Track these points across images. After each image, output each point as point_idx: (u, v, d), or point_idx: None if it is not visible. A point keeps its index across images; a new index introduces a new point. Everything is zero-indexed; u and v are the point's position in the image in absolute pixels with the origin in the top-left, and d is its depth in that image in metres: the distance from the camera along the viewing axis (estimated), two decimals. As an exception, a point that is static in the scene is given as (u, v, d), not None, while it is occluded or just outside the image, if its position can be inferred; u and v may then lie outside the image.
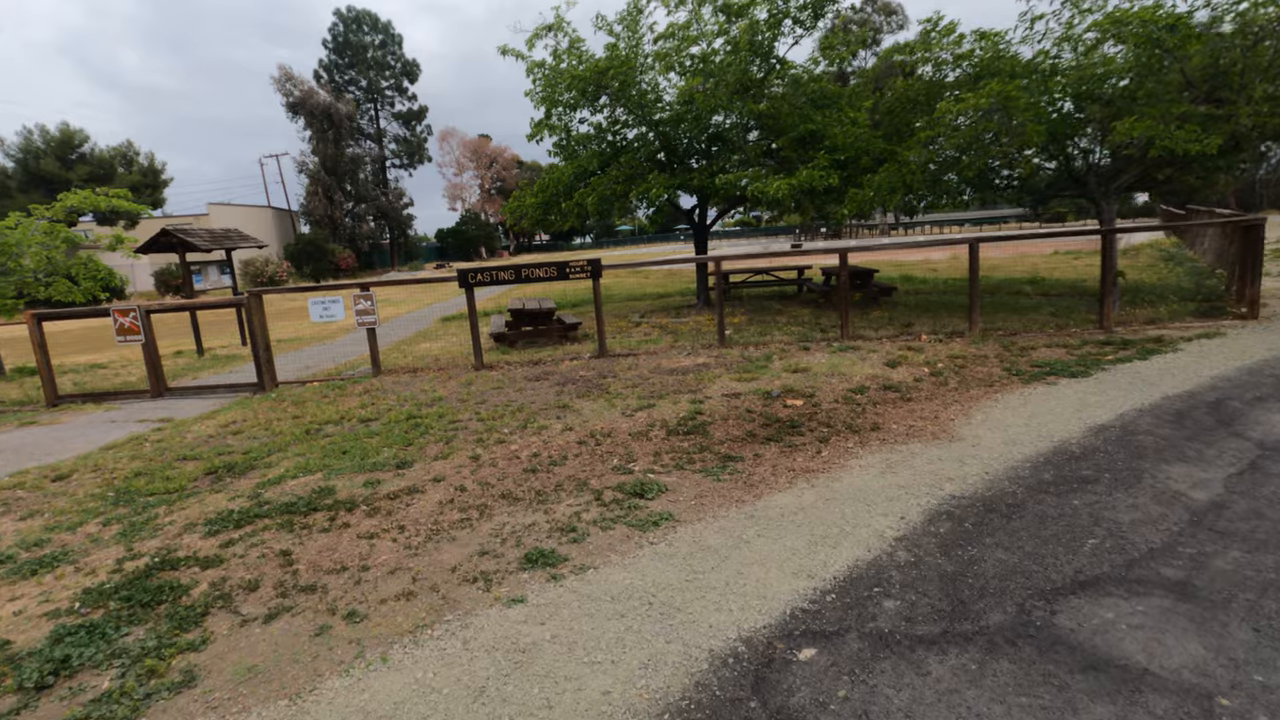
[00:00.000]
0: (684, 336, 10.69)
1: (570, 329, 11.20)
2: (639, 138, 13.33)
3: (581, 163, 12.68)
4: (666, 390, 7.21)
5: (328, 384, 9.17)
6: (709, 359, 8.64)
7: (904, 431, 5.44)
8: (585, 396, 7.26)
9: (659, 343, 10.25)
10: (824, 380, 7.15)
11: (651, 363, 8.73)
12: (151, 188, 40.65)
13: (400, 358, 11.00)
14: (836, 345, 8.89)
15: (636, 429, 5.92)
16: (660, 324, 12.44)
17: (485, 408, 7.20)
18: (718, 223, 14.54)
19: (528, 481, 4.87)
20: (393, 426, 6.70)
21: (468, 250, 74.24)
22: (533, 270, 9.00)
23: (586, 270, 8.98)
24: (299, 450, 6.19)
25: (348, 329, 16.40)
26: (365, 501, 4.70)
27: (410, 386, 8.57)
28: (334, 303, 9.29)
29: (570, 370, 8.69)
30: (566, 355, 9.74)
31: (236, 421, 7.65)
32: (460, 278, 9.08)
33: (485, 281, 9.07)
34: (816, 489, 4.36)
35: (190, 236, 13.28)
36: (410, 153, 66.52)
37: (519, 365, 9.33)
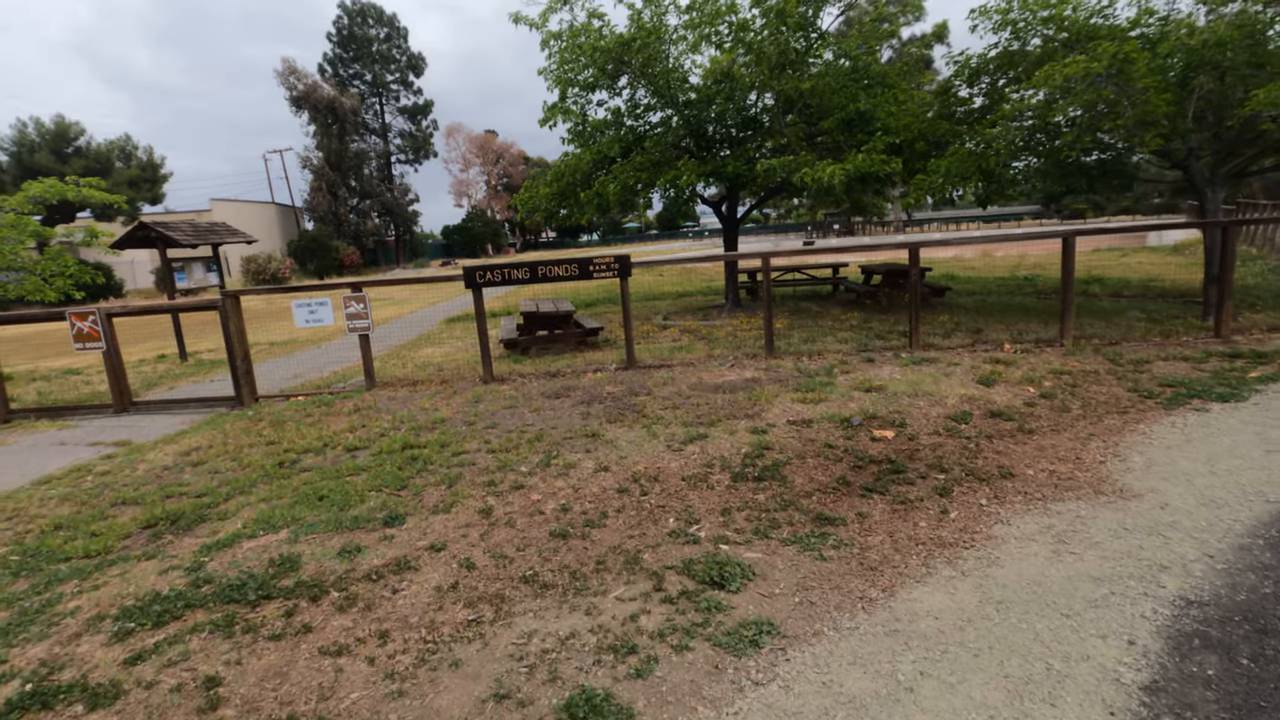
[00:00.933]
0: (720, 344, 9.41)
1: (590, 334, 9.94)
2: (663, 121, 12.05)
3: (601, 148, 11.41)
4: (716, 414, 5.93)
5: (314, 399, 7.94)
6: (758, 372, 7.36)
7: (1046, 480, 4.15)
8: (618, 421, 5.99)
9: (693, 351, 8.98)
10: (909, 403, 5.86)
11: (690, 376, 7.46)
12: (150, 183, 39.58)
13: (398, 367, 9.76)
14: (906, 356, 7.59)
15: (691, 470, 4.65)
16: (688, 327, 11.17)
17: (496, 434, 5.95)
18: (748, 217, 13.25)
19: (558, 554, 3.61)
20: (384, 459, 5.45)
21: (474, 247, 73.07)
22: (551, 268, 7.74)
23: (613, 268, 7.72)
24: (266, 492, 4.95)
25: (345, 330, 15.21)
26: (338, 583, 3.45)
27: (408, 404, 7.33)
28: (321, 305, 8.05)
29: (595, 385, 7.43)
30: (588, 365, 8.48)
31: (201, 447, 6.42)
32: (467, 277, 7.83)
33: (496, 281, 7.82)
34: (970, 579, 3.08)
35: (170, 231, 12.07)
36: (416, 148, 65.37)
37: (534, 378, 8.07)
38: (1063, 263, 7.51)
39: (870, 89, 10.87)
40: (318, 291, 8.17)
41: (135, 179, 38.16)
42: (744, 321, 11.18)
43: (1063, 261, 7.52)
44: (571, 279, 7.71)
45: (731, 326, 10.81)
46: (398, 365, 9.98)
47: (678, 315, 12.92)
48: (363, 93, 61.93)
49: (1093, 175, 9.11)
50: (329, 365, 10.67)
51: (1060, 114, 6.85)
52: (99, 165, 35.49)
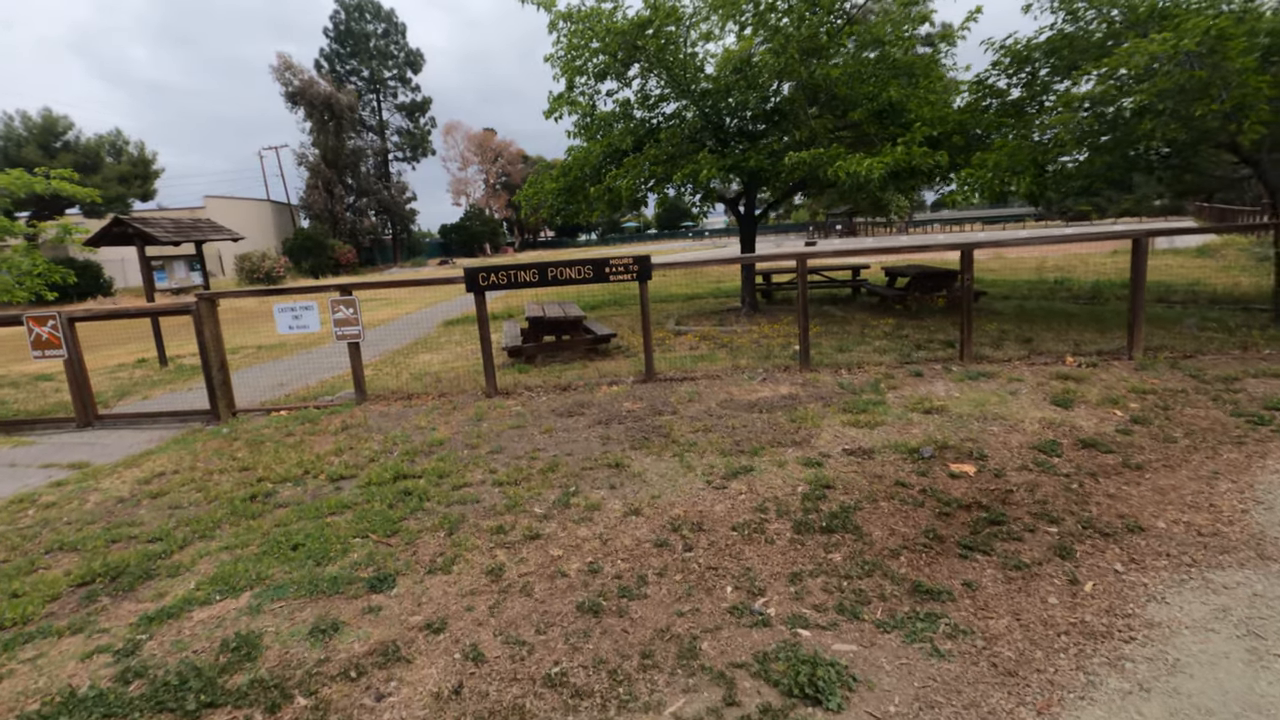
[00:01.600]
0: (744, 353, 8.63)
1: (601, 341, 9.15)
2: (676, 113, 11.27)
3: (612, 140, 10.62)
4: (758, 439, 5.15)
5: (298, 414, 7.13)
6: (794, 388, 6.57)
7: (1185, 536, 3.38)
8: (644, 446, 5.20)
9: (715, 360, 8.19)
10: (979, 428, 5.08)
11: (718, 391, 6.67)
12: (142, 179, 38.67)
13: (392, 376, 8.96)
14: (958, 370, 6.81)
15: (741, 516, 3.86)
16: (706, 334, 10.38)
17: (503, 461, 5.16)
18: (765, 216, 12.45)
19: (590, 639, 2.82)
20: (372, 494, 4.65)
21: (472, 246, 72.24)
22: (562, 271, 6.94)
23: (631, 271, 6.93)
24: (230, 537, 4.15)
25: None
26: (305, 683, 2.65)
27: (402, 421, 6.53)
28: (306, 310, 7.25)
29: (611, 401, 6.64)
30: (602, 378, 7.69)
31: (165, 473, 5.62)
32: (469, 280, 7.03)
33: (501, 284, 7.02)
34: (1156, 698, 2.29)
35: (148, 227, 11.25)
36: (413, 145, 64.52)
37: (543, 391, 7.27)
38: (1133, 266, 6.74)
39: (898, 79, 10.10)
40: (302, 295, 7.36)
41: (126, 175, 37.26)
42: (766, 328, 10.40)
43: (1133, 265, 6.74)
44: (585, 282, 6.92)
45: (754, 333, 10.03)
46: (392, 374, 9.17)
47: (691, 320, 12.14)
48: (360, 89, 61.05)
49: (1163, 169, 8.32)
50: (319, 372, 9.86)
51: (1142, 98, 6.08)
52: (88, 160, 34.59)
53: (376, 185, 59.97)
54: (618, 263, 6.90)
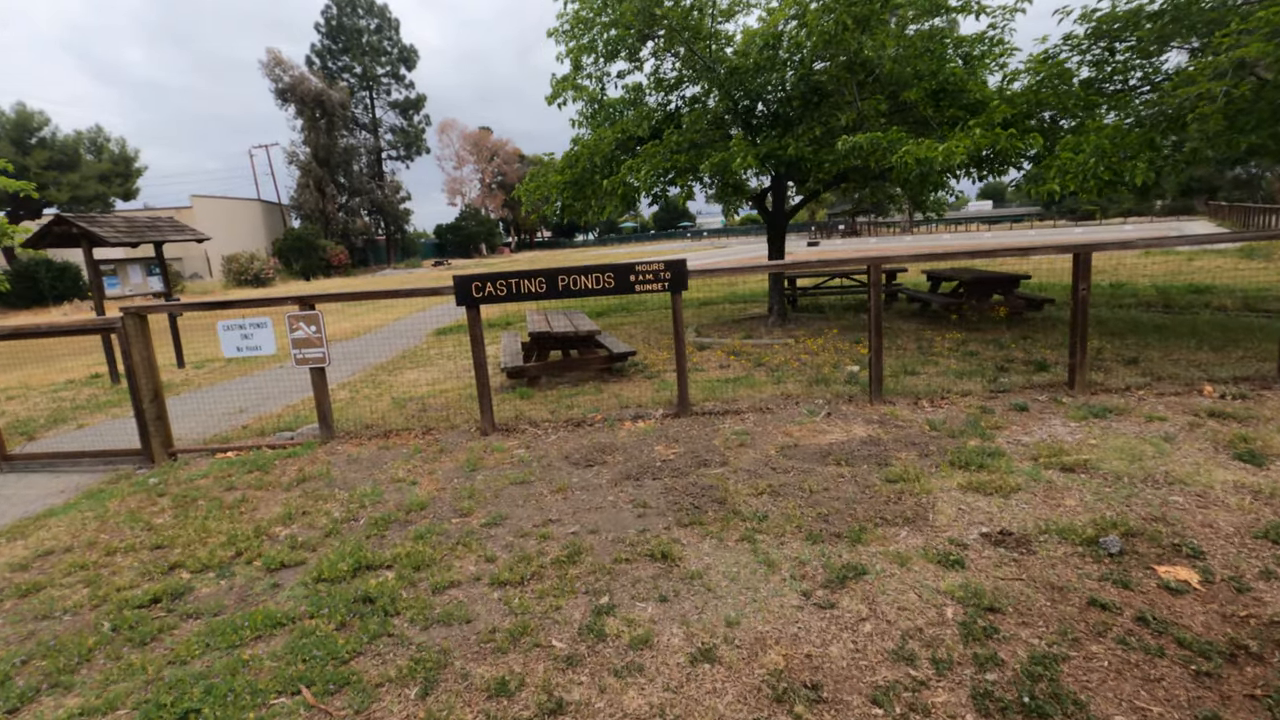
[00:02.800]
0: (787, 374, 7.26)
1: (617, 359, 7.77)
2: (697, 97, 9.91)
3: (625, 127, 9.23)
4: (851, 511, 3.77)
5: (247, 458, 5.74)
6: (871, 427, 5.20)
7: None
8: (696, 522, 3.82)
9: (756, 384, 6.82)
10: (1155, 497, 3.72)
11: (773, 430, 5.30)
12: (123, 177, 37.14)
13: (371, 401, 7.57)
14: (1071, 403, 5.45)
15: (877, 669, 2.49)
16: (734, 348, 9.01)
17: (504, 541, 3.78)
18: (795, 210, 11.06)
19: None
20: (320, 600, 3.27)
21: (468, 247, 70.85)
22: (577, 280, 5.55)
23: (662, 279, 5.55)
24: (97, 684, 2.77)
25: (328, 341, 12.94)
26: None
27: (374, 471, 5.14)
28: (259, 328, 5.85)
29: (639, 443, 5.27)
30: (623, 409, 6.31)
31: (55, 551, 4.23)
32: (460, 291, 5.65)
33: (499, 296, 5.64)
34: None
35: (95, 226, 9.83)
36: (408, 144, 63.07)
37: (551, 428, 5.89)
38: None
39: (955, 53, 8.76)
40: (255, 309, 5.95)
41: (106, 173, 35.74)
42: (808, 341, 9.03)
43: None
44: (605, 293, 5.54)
45: (793, 348, 8.66)
46: (370, 399, 7.78)
47: (713, 329, 10.77)
48: (352, 86, 59.56)
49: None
50: (293, 393, 8.44)
51: None
52: (65, 157, 33.08)
53: (369, 184, 58.50)
54: (645, 270, 5.52)
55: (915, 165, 6.67)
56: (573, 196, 9.56)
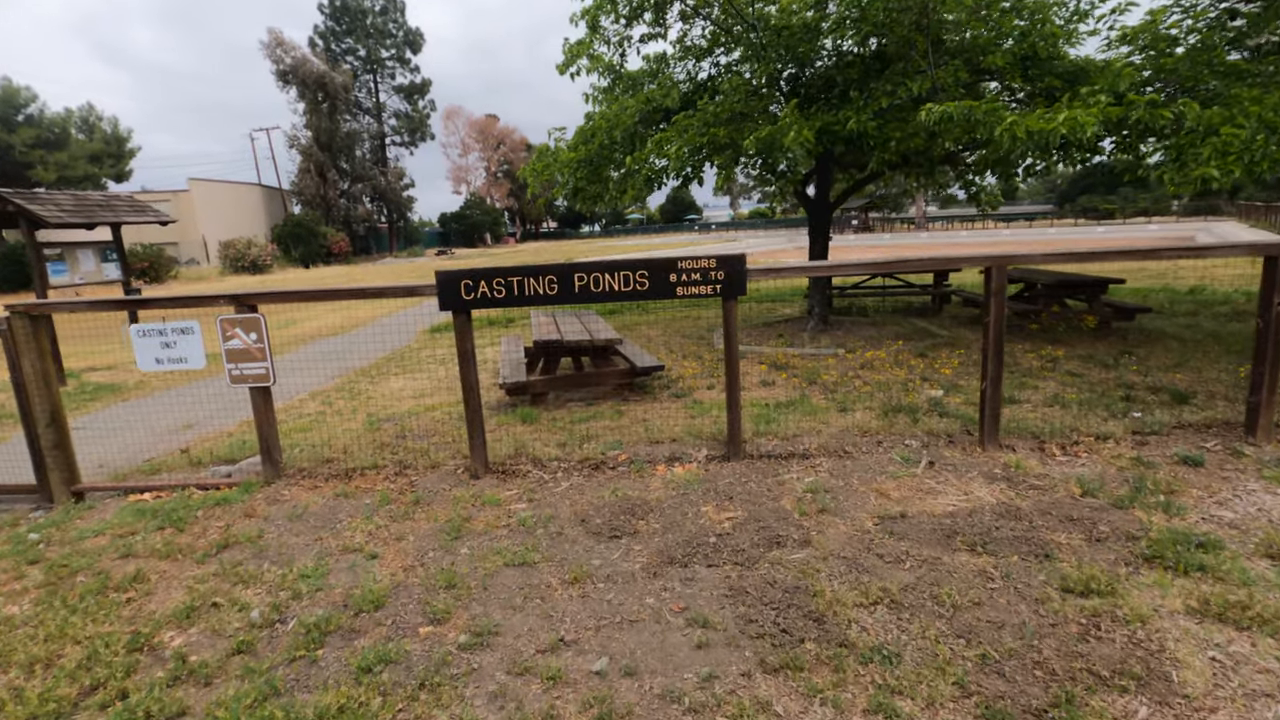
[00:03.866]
0: (850, 398, 5.90)
1: (640, 374, 6.40)
2: (732, 65, 8.49)
3: (651, 97, 7.83)
4: (1035, 657, 2.42)
5: (169, 503, 4.40)
6: (998, 487, 3.83)
7: None
8: (790, 668, 2.47)
9: (815, 413, 5.46)
10: None
11: (857, 484, 3.94)
12: (115, 158, 35.82)
13: (338, 423, 6.23)
14: (1265, 458, 4.07)
15: None
16: (773, 358, 7.64)
17: (490, 682, 2.44)
18: (840, 201, 9.63)
19: None
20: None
21: (472, 236, 69.52)
22: (598, 278, 4.18)
23: (714, 281, 4.17)
24: None
25: (311, 337, 11.59)
26: None
27: (322, 535, 3.80)
28: (184, 334, 4.49)
29: (680, 500, 3.92)
30: (653, 444, 4.95)
31: None
32: (444, 291, 4.28)
33: (498, 299, 4.27)
34: None
35: (35, 204, 8.49)
36: (412, 129, 61.56)
37: (561, 470, 4.54)
38: None
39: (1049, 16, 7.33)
40: (179, 310, 4.60)
41: (98, 153, 34.43)
42: (865, 353, 7.64)
43: None
44: (637, 297, 4.17)
45: (847, 361, 7.28)
46: (342, 415, 6.44)
47: (744, 334, 9.40)
48: (356, 69, 58.07)
49: None
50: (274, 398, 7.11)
51: None
52: (53, 135, 31.75)
53: (372, 170, 57.08)
54: (691, 268, 4.14)
55: (1026, 140, 5.27)
56: (586, 178, 8.16)
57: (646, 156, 7.14)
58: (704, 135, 6.93)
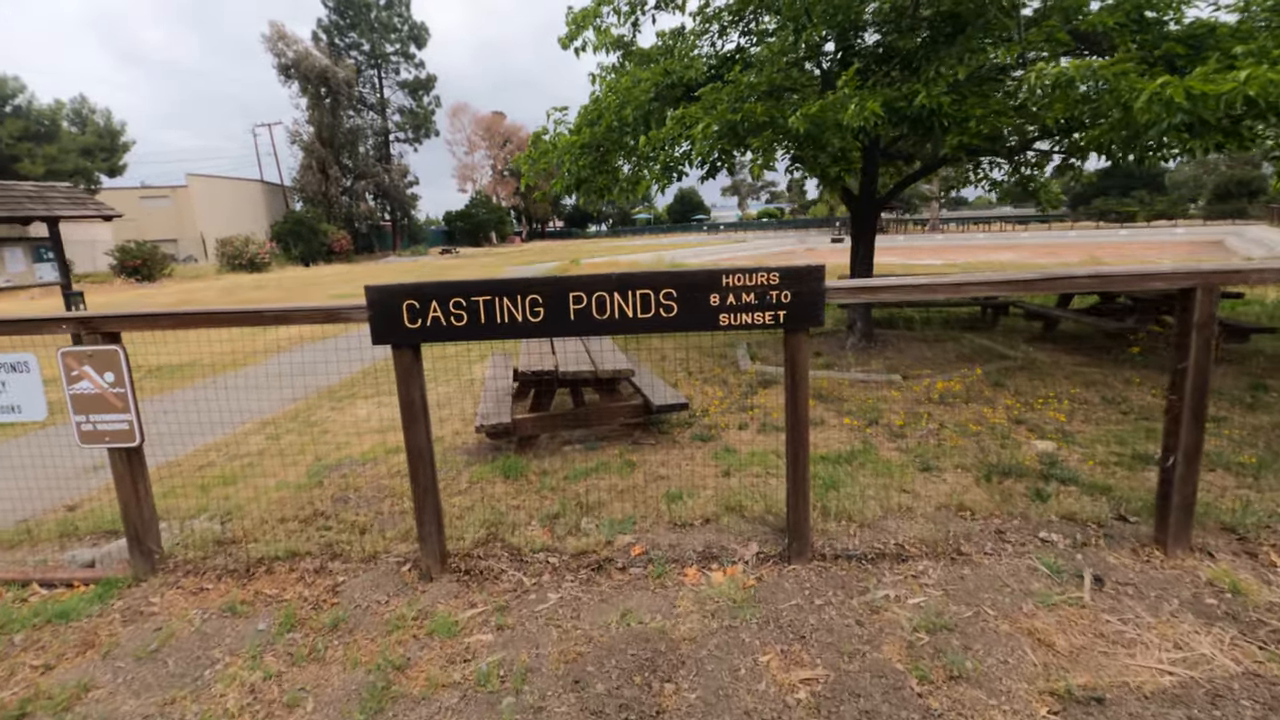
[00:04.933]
0: (928, 449, 4.53)
1: (658, 414, 5.03)
2: (766, 32, 7.12)
3: (670, 69, 6.47)
4: None
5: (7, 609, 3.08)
6: (1223, 633, 2.46)
7: None
8: None
9: (890, 473, 4.10)
10: None
11: (1001, 625, 2.58)
12: (108, 151, 34.72)
13: (274, 468, 4.88)
14: None
15: None
16: (816, 386, 6.26)
17: None
18: (890, 198, 8.20)
19: None
20: None
21: (476, 235, 68.40)
22: (605, 301, 2.82)
23: (776, 306, 2.80)
24: None
25: (290, 343, 10.25)
26: None
27: (178, 698, 2.46)
28: (14, 372, 3.17)
29: (724, 642, 2.57)
30: (678, 526, 3.59)
31: None
32: (377, 316, 2.92)
33: (457, 328, 2.90)
34: None
35: (-57, 194, 7.20)
36: (416, 125, 60.40)
37: (548, 569, 3.19)
38: None
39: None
40: (11, 335, 3.28)
41: (90, 146, 33.35)
42: (941, 384, 6.25)
43: None
44: (664, 328, 2.81)
45: (911, 391, 5.89)
46: (285, 457, 5.10)
47: (772, 351, 8.03)
48: (359, 64, 56.91)
49: None
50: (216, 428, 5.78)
51: None
52: (41, 127, 30.64)
53: (375, 167, 55.91)
54: (741, 285, 2.77)
55: (1187, 108, 3.89)
56: (591, 167, 6.80)
57: (666, 137, 5.77)
58: (738, 112, 5.55)
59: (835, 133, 5.16)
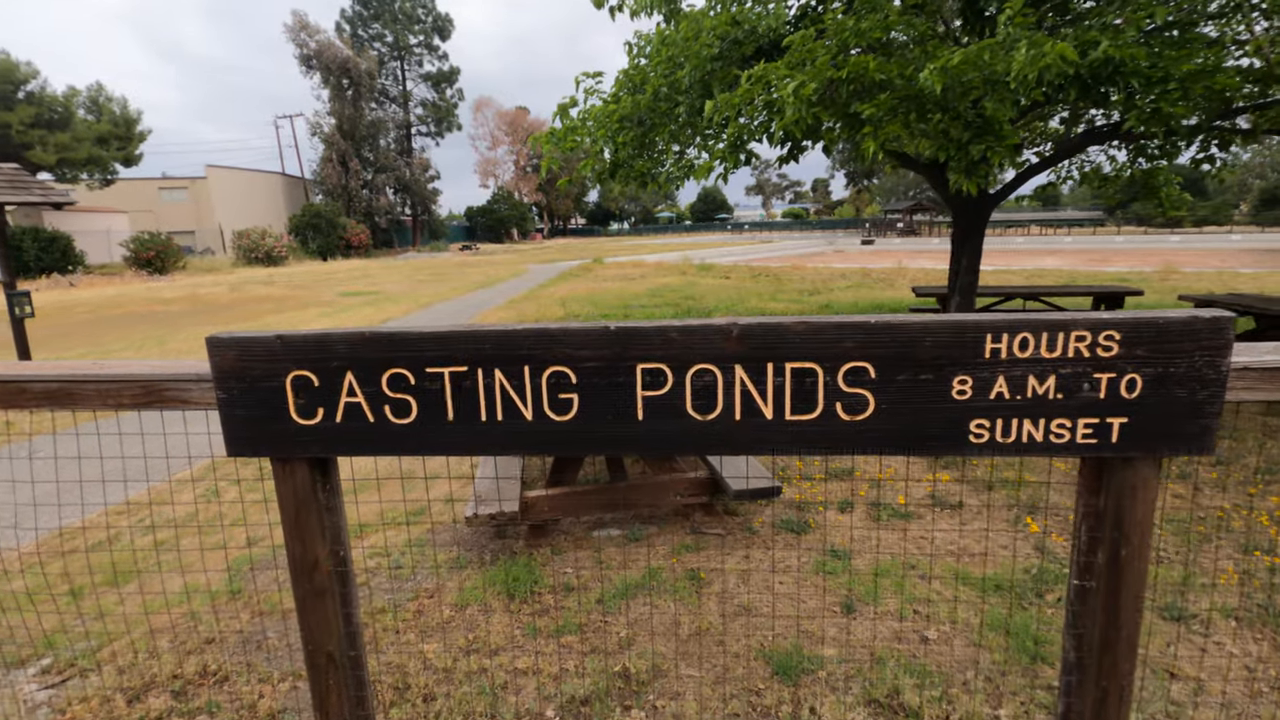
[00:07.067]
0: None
1: (733, 500, 3.48)
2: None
3: (741, 17, 4.89)
4: None
5: None
6: None
7: None
8: None
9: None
10: None
11: None
12: (123, 140, 33.85)
13: (117, 588, 3.43)
14: None
15: None
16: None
17: None
18: (1005, 195, 6.52)
19: None
20: None
21: (498, 232, 67.37)
22: (796, 359, 1.31)
23: (1114, 409, 1.27)
24: None
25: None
26: None
27: None
28: None
29: None
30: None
31: None
32: (233, 401, 1.41)
33: (423, 433, 1.39)
34: None
35: None
36: (439, 119, 59.38)
37: None
38: None
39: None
40: None
41: (104, 135, 32.49)
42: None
43: None
44: (869, 445, 1.28)
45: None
46: (149, 560, 3.62)
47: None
48: (382, 55, 55.99)
49: None
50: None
51: None
52: (55, 115, 29.82)
53: (396, 161, 54.95)
54: (1024, 354, 1.24)
55: None
56: (633, 145, 5.26)
57: (740, 102, 4.18)
58: (841, 69, 3.98)
59: (993, 92, 3.56)
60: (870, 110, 3.94)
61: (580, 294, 15.59)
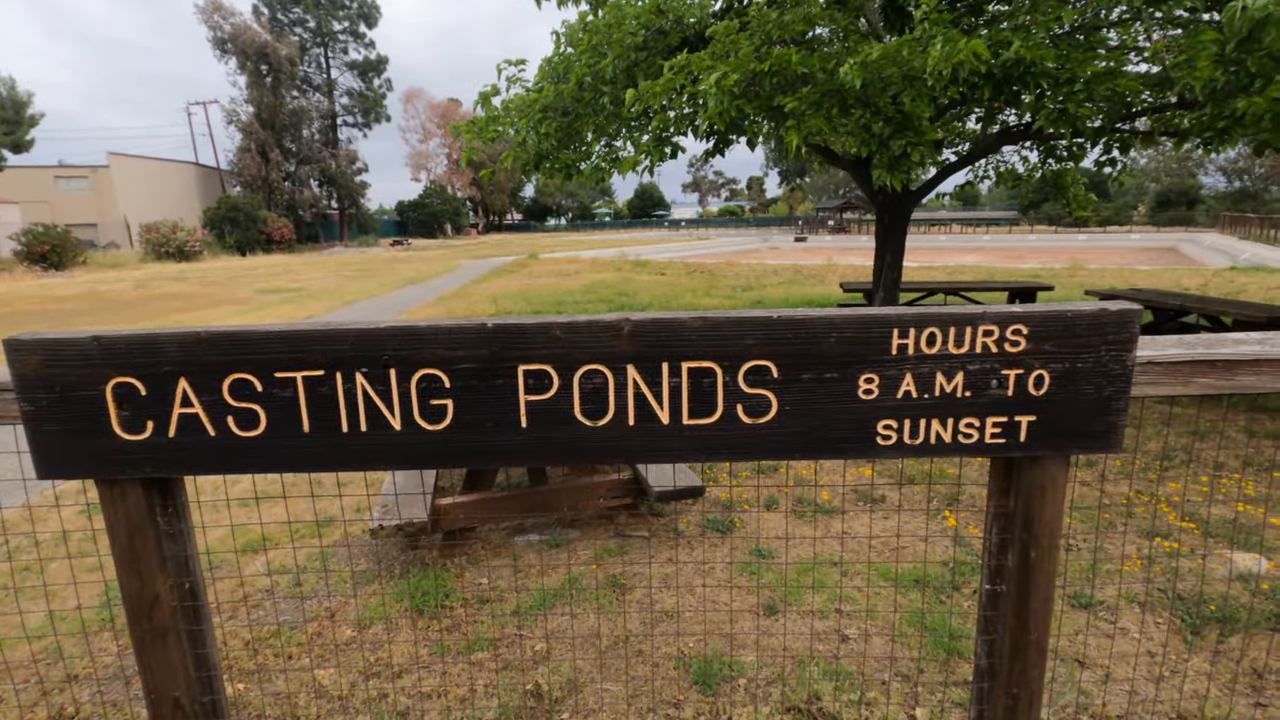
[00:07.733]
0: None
1: (665, 499, 3.37)
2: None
3: (668, 6, 4.79)
4: None
5: None
6: None
7: None
8: None
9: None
10: None
11: None
12: (11, 124, 31.17)
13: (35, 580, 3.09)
14: None
15: None
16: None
17: None
18: (925, 191, 6.67)
19: None
20: None
21: (431, 227, 65.57)
22: (692, 359, 1.18)
23: (1025, 406, 1.22)
24: None
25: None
26: None
27: None
28: None
29: None
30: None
31: None
32: (40, 415, 1.20)
33: (274, 448, 1.22)
34: None
35: None
36: (366, 110, 57.21)
37: None
38: None
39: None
40: None
41: (-11, 119, 29.81)
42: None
43: None
44: (771, 451, 1.18)
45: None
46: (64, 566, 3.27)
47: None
48: (304, 41, 53.45)
49: None
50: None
51: None
52: (-72, 96, 27.14)
53: (321, 152, 52.65)
54: (933, 350, 1.16)
55: None
56: (557, 136, 5.09)
57: (664, 91, 4.09)
58: (764, 61, 3.93)
59: (911, 88, 3.58)
60: (793, 104, 3.90)
61: (514, 290, 15.25)
